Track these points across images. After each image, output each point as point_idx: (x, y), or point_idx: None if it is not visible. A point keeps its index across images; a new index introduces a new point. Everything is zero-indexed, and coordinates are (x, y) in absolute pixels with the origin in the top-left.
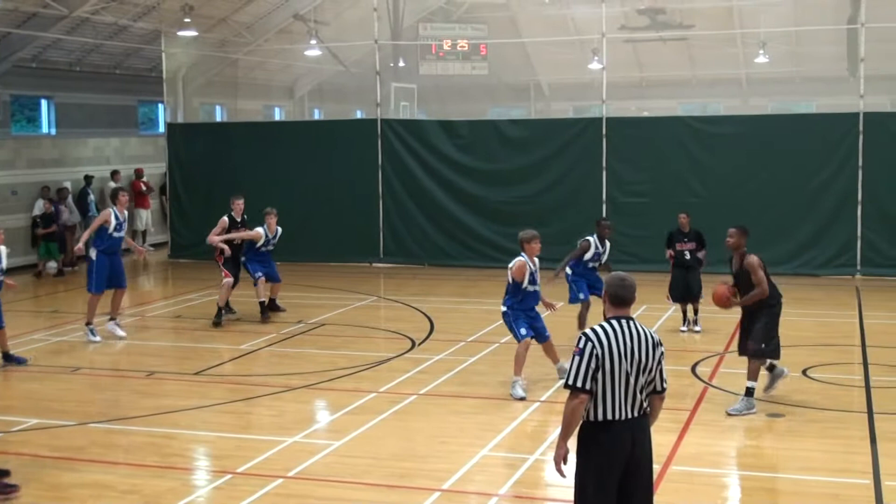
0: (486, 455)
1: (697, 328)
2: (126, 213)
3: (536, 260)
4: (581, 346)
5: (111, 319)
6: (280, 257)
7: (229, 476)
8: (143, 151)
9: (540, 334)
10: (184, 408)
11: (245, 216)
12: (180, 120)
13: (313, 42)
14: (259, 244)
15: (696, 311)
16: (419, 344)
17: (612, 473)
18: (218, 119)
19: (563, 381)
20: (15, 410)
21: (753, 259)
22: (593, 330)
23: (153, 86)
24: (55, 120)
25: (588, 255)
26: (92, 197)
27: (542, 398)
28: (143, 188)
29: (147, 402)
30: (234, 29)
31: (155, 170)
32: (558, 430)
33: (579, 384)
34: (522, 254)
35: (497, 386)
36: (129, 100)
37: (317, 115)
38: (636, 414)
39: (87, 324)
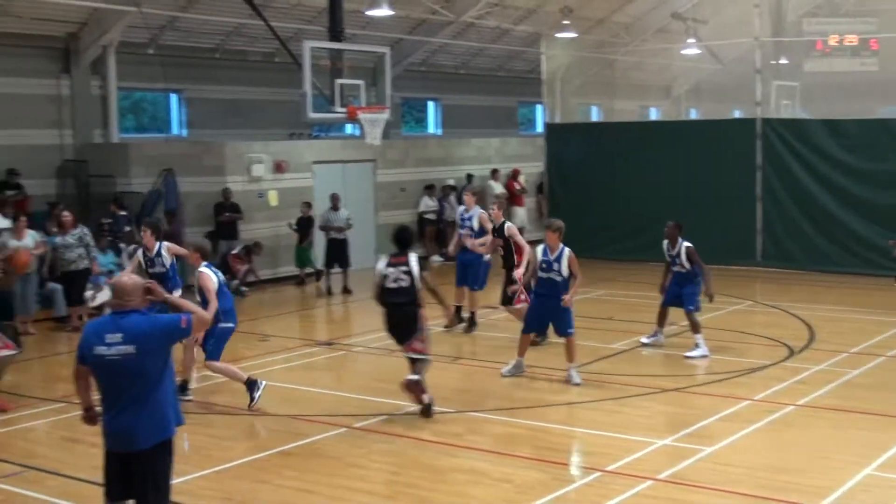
0: (870, 474)
1: None
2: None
3: (564, 250)
4: None
5: None
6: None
7: (599, 473)
8: (522, 151)
9: (556, 330)
10: (556, 402)
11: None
12: (558, 120)
13: (691, 41)
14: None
15: None
16: (798, 352)
17: None
18: (594, 119)
19: None
20: (401, 395)
21: None
22: None
23: (532, 87)
24: (441, 121)
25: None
26: None
27: None
28: (518, 188)
29: (521, 394)
30: (612, 30)
31: (532, 169)
32: None
33: None
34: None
35: (885, 402)
36: (509, 101)
37: (693, 115)
38: None
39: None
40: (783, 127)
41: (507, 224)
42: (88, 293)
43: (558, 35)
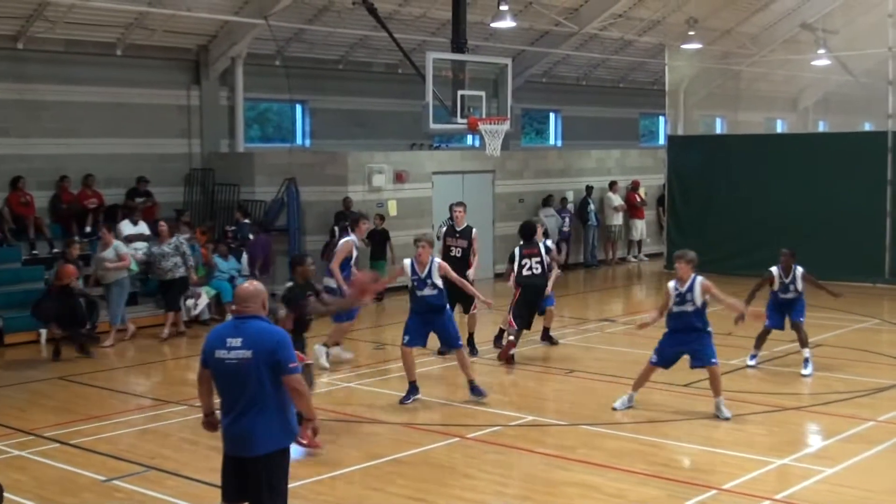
0: None
1: None
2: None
3: (696, 279)
4: None
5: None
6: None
7: (714, 492)
8: (643, 163)
9: (694, 359)
10: (672, 418)
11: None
12: (680, 132)
13: (821, 51)
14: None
15: None
16: None
17: None
18: (718, 131)
19: None
20: (514, 406)
21: None
22: None
23: (655, 98)
24: (561, 132)
25: (775, 286)
26: (592, 206)
27: None
28: (638, 200)
29: (636, 409)
30: (739, 40)
31: (653, 181)
32: None
33: None
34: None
35: None
36: (630, 113)
37: (821, 128)
38: None
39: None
40: None
41: (474, 230)
42: (189, 302)
43: (683, 46)
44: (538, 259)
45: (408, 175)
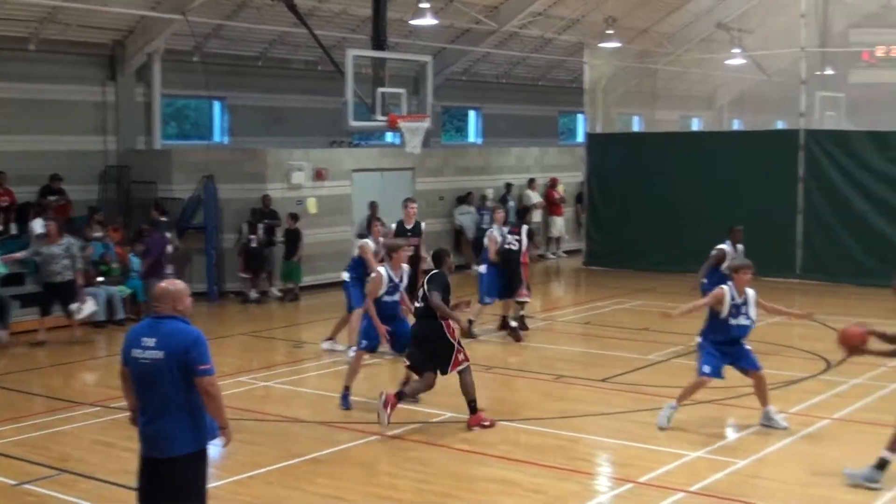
0: None
1: None
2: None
3: (750, 292)
4: None
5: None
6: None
7: (631, 485)
8: (561, 161)
9: (745, 369)
10: (589, 413)
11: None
12: (599, 130)
13: (736, 51)
14: None
15: None
16: (835, 365)
17: None
18: (635, 129)
19: None
20: (434, 403)
21: None
22: None
23: (574, 96)
24: (481, 130)
25: (726, 263)
26: (511, 203)
27: None
28: (556, 197)
29: (554, 404)
30: (656, 40)
31: (571, 178)
32: None
33: None
34: (728, 282)
35: None
36: (550, 110)
37: (736, 126)
38: None
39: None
40: (827, 138)
41: (423, 223)
42: (74, 305)
43: (601, 45)
44: (517, 237)
45: (327, 172)
